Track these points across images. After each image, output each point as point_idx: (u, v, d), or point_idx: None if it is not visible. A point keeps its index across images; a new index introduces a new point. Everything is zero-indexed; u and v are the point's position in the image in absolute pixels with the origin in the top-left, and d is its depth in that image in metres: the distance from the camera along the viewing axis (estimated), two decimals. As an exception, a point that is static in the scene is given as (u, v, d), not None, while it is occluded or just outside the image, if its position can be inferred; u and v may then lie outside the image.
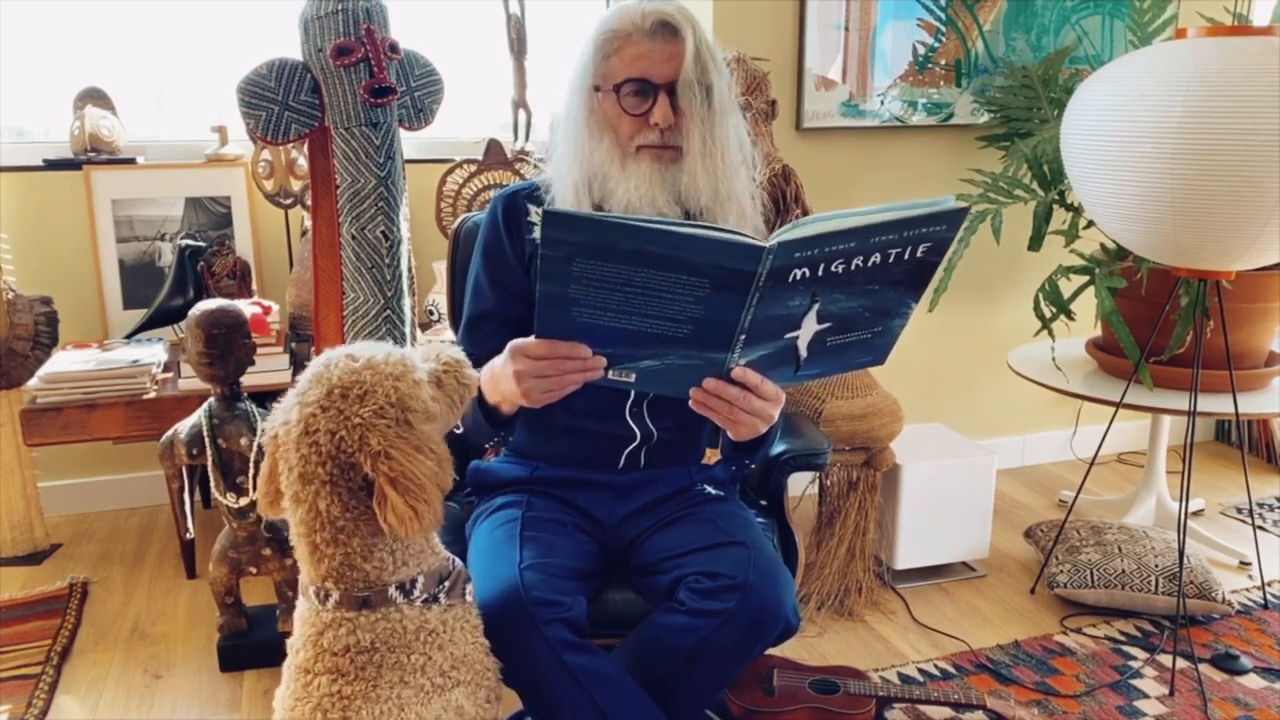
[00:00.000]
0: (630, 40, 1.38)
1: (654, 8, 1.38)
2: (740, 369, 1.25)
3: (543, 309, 1.19)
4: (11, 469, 2.56)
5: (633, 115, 1.40)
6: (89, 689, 2.07)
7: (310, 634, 1.16)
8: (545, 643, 1.28)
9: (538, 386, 1.25)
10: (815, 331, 1.24)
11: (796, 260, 1.13)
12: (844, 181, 2.86)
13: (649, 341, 1.21)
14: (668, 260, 1.11)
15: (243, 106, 1.91)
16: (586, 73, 1.42)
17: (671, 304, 1.16)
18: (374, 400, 1.11)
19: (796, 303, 1.19)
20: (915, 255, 1.20)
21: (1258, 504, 3.02)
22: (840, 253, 1.15)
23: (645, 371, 1.25)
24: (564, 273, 1.13)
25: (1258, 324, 2.49)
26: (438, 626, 1.18)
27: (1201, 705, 2.01)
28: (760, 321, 1.19)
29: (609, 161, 1.43)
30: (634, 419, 1.52)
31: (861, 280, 1.20)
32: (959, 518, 2.48)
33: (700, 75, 1.39)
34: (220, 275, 2.69)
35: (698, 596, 1.36)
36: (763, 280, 1.13)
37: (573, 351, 1.22)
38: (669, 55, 1.37)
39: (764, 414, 1.29)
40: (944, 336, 3.06)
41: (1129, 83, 2.01)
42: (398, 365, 1.15)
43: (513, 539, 1.42)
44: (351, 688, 1.13)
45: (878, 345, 1.31)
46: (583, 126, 1.43)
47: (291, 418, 1.12)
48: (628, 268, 1.12)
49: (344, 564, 1.13)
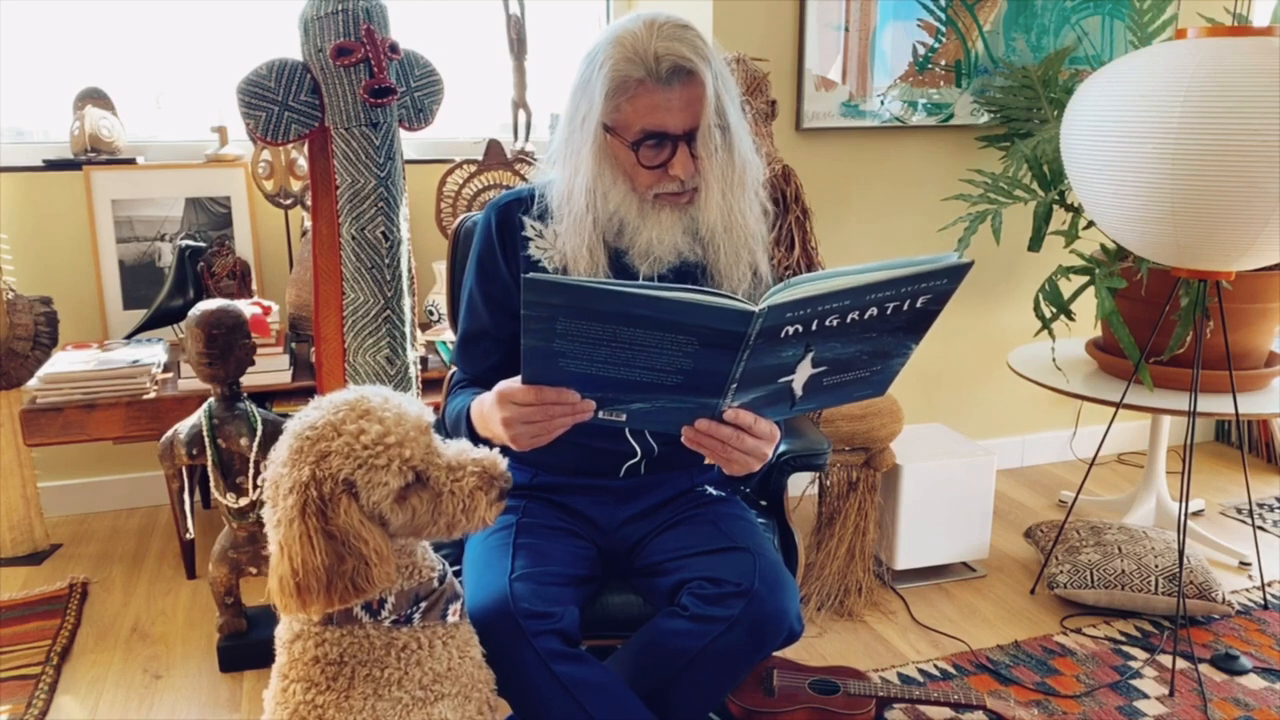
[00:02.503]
0: (644, 87, 1.29)
1: (667, 48, 1.28)
2: (733, 411, 1.20)
3: (529, 361, 1.15)
4: (11, 469, 2.56)
5: (650, 168, 1.34)
6: (89, 689, 2.07)
7: (286, 639, 1.16)
8: (535, 654, 1.27)
9: (525, 433, 1.22)
10: (810, 375, 1.20)
11: (788, 319, 1.09)
12: (844, 182, 2.86)
13: (639, 389, 1.17)
14: (654, 321, 1.08)
15: (243, 107, 1.91)
16: (596, 107, 1.32)
17: (660, 357, 1.12)
18: (326, 466, 1.06)
19: (790, 353, 1.15)
20: (915, 307, 1.15)
21: (1258, 504, 3.02)
22: (834, 310, 1.11)
23: (636, 413, 1.21)
24: (548, 330, 1.10)
25: (1258, 324, 2.49)
26: (410, 643, 1.15)
27: (1201, 706, 2.01)
28: (752, 371, 1.15)
29: (626, 208, 1.38)
30: (634, 437, 1.50)
31: (858, 331, 1.15)
32: (959, 518, 2.48)
33: (718, 119, 1.33)
34: (220, 275, 2.69)
35: (702, 602, 1.35)
36: (753, 340, 1.10)
37: (560, 397, 1.18)
38: (686, 102, 1.30)
39: (757, 452, 1.25)
40: (944, 337, 3.06)
41: (1129, 83, 2.01)
42: (382, 454, 1.07)
43: (505, 547, 1.41)
44: (324, 697, 1.12)
45: (877, 381, 1.27)
46: (591, 162, 1.35)
47: (293, 426, 1.11)
48: (613, 326, 1.08)
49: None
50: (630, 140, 1.33)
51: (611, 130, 1.34)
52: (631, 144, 1.33)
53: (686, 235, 1.39)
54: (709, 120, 1.32)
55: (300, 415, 1.11)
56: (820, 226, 2.61)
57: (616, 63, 1.30)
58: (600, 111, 1.32)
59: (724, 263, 1.41)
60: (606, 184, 1.36)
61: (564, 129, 1.39)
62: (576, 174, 1.37)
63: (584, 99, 1.34)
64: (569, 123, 1.38)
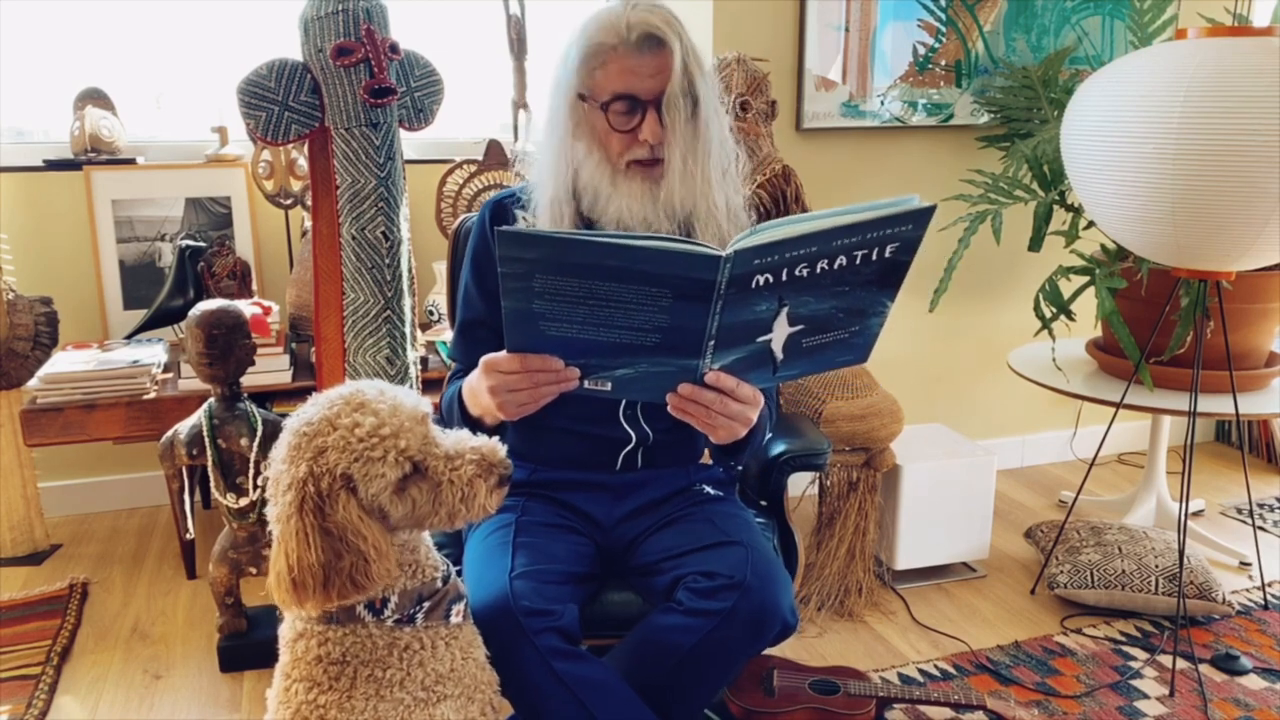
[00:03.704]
0: (616, 54, 1.35)
1: (639, 18, 1.34)
2: (714, 373, 1.22)
3: (510, 326, 1.17)
4: (11, 469, 2.56)
5: (621, 132, 1.38)
6: (89, 689, 2.07)
7: (289, 638, 1.16)
8: (535, 652, 1.28)
9: (512, 400, 1.25)
10: (789, 334, 1.21)
11: (756, 267, 1.11)
12: (844, 182, 2.86)
13: (619, 351, 1.19)
14: (626, 273, 1.10)
15: (243, 107, 1.91)
16: (570, 79, 1.39)
17: (636, 314, 1.14)
18: (323, 461, 1.06)
19: (763, 307, 1.17)
20: (884, 255, 1.17)
21: (1258, 504, 3.02)
22: (802, 257, 1.12)
23: (620, 380, 1.23)
24: (526, 289, 1.12)
25: (1258, 324, 2.49)
26: (413, 643, 1.15)
27: (1202, 706, 2.01)
28: (728, 327, 1.17)
29: (599, 176, 1.41)
30: (628, 422, 1.52)
31: (829, 283, 1.17)
32: (959, 518, 2.48)
33: (687, 88, 1.36)
34: (220, 275, 2.69)
35: (695, 596, 1.36)
36: (723, 289, 1.11)
37: (545, 364, 1.21)
38: (656, 69, 1.35)
39: (741, 417, 1.27)
40: (944, 337, 3.06)
41: (1129, 83, 2.01)
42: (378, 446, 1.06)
43: (505, 546, 1.42)
44: (325, 697, 1.12)
45: (857, 344, 1.28)
46: (567, 135, 1.40)
47: (291, 424, 1.11)
48: (588, 281, 1.10)
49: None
50: (601, 103, 1.37)
51: (585, 98, 1.39)
52: (602, 105, 1.37)
53: (658, 208, 1.42)
54: (677, 87, 1.35)
55: (298, 412, 1.12)
56: (820, 226, 2.61)
57: (591, 33, 1.36)
58: (575, 80, 1.38)
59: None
60: (581, 154, 1.41)
61: (545, 107, 1.45)
62: (551, 147, 1.43)
63: (561, 73, 1.41)
64: (549, 102, 1.44)
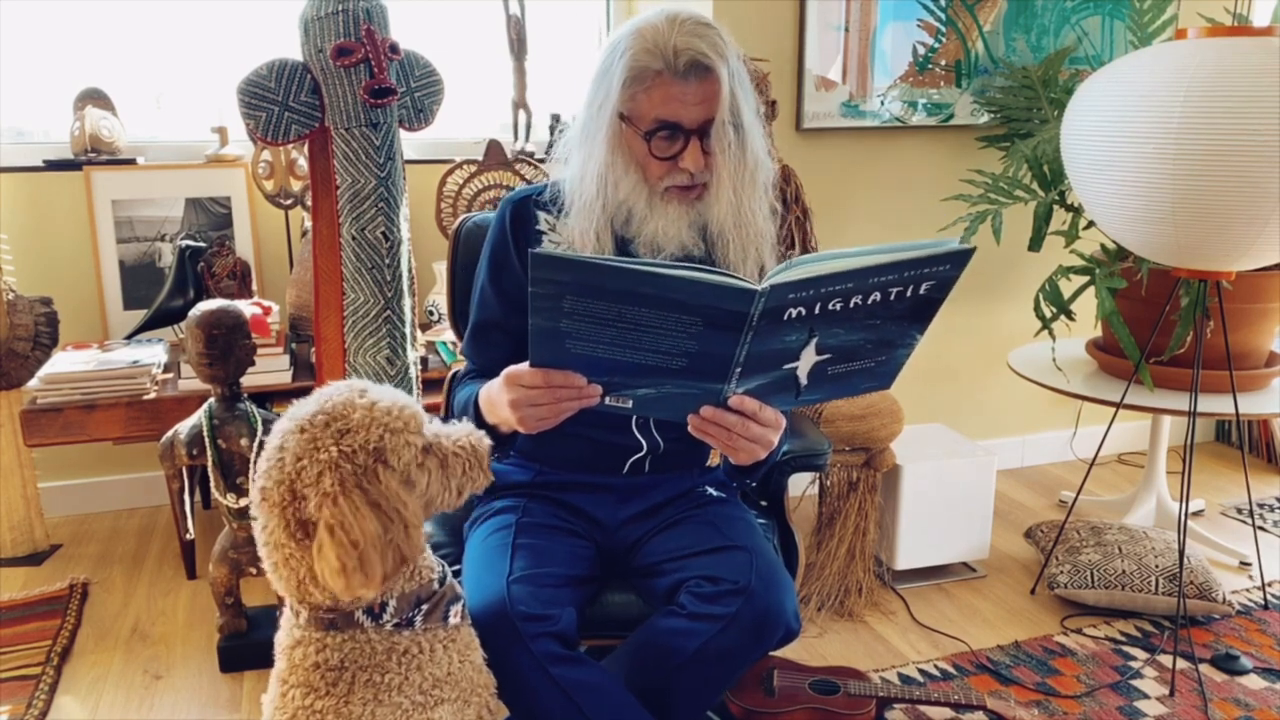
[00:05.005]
0: (661, 79, 1.31)
1: (686, 44, 1.30)
2: (738, 397, 1.21)
3: (535, 342, 1.16)
4: (11, 469, 2.56)
5: (661, 159, 1.36)
6: (89, 689, 2.07)
7: (286, 644, 1.15)
8: (531, 657, 1.27)
9: (533, 415, 1.24)
10: (815, 362, 1.20)
11: (791, 301, 1.10)
12: (844, 182, 2.86)
13: (645, 372, 1.18)
14: (658, 300, 1.08)
15: (243, 107, 1.91)
16: (613, 95, 1.34)
17: (665, 339, 1.13)
18: (351, 440, 1.06)
19: (793, 338, 1.15)
20: (918, 293, 1.15)
21: (1258, 504, 3.02)
22: (837, 293, 1.11)
23: (642, 399, 1.22)
24: (555, 309, 1.11)
25: (1258, 324, 2.49)
26: (411, 647, 1.15)
27: (1202, 706, 2.01)
28: (756, 355, 1.15)
29: (635, 197, 1.39)
30: (640, 430, 1.51)
31: (862, 316, 1.16)
32: (959, 518, 2.48)
33: (733, 116, 1.35)
34: (220, 276, 2.69)
35: (699, 600, 1.35)
36: (756, 320, 1.10)
37: (567, 381, 1.20)
38: (702, 97, 1.32)
39: (763, 440, 1.26)
40: (944, 337, 3.06)
41: (1129, 83, 2.01)
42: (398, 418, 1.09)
43: (504, 548, 1.41)
44: (323, 703, 1.11)
45: (882, 373, 1.26)
46: (605, 150, 1.37)
47: (281, 427, 1.09)
48: (618, 305, 1.09)
49: (299, 586, 1.09)
50: (644, 130, 1.35)
51: (626, 119, 1.36)
52: (645, 134, 1.35)
53: (692, 230, 1.41)
54: (723, 117, 1.33)
55: (289, 414, 1.10)
56: (820, 226, 2.61)
57: (636, 53, 1.32)
58: (617, 100, 1.35)
59: (731, 260, 1.43)
60: (619, 172, 1.39)
61: (581, 116, 1.42)
62: (590, 159, 1.40)
63: (602, 87, 1.37)
64: (586, 109, 1.40)
